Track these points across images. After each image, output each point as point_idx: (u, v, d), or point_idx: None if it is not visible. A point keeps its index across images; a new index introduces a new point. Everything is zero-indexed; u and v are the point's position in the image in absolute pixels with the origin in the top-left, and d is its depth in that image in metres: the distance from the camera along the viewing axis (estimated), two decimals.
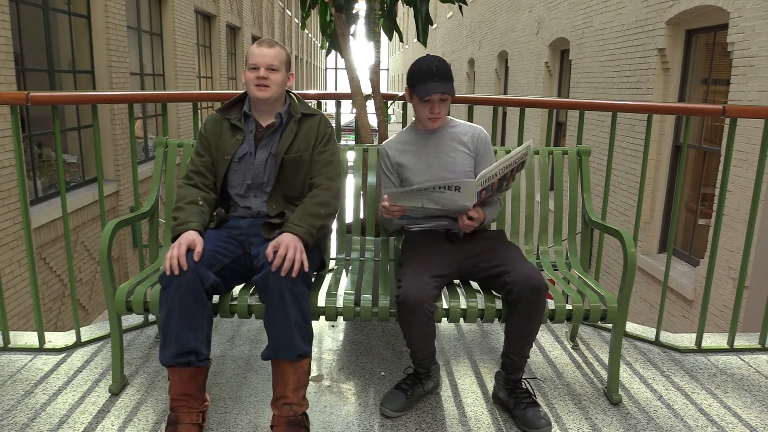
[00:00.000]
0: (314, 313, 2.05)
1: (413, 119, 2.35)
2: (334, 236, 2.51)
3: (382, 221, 2.41)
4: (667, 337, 2.82)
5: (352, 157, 2.58)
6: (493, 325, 2.91)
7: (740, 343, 2.80)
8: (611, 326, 2.50)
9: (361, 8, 2.84)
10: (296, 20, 32.78)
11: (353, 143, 2.74)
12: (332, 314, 2.07)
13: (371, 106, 2.91)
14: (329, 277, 2.43)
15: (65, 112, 7.71)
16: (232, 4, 16.15)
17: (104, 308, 8.09)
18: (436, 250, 2.19)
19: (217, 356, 2.53)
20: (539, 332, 2.79)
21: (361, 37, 2.92)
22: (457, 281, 2.28)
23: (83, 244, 7.55)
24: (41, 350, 2.57)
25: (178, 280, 1.89)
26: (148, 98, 2.94)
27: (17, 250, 6.09)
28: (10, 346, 2.57)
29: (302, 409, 1.98)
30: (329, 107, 25.52)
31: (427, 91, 2.12)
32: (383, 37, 2.98)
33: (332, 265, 2.54)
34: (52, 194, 7.07)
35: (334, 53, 4.47)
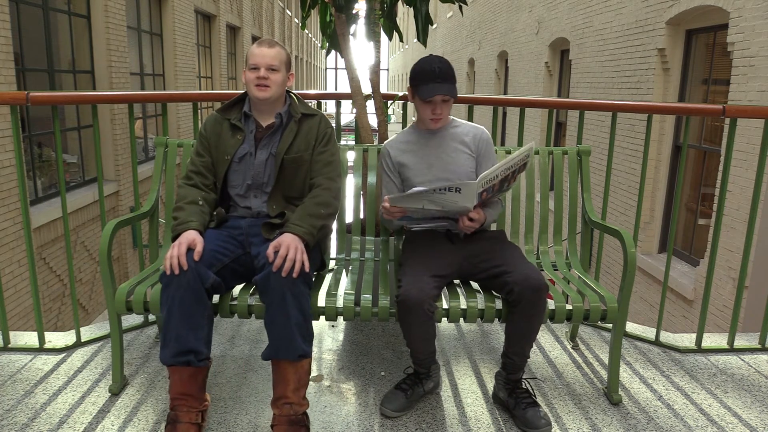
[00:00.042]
0: (314, 313, 2.05)
1: (413, 119, 2.35)
2: (334, 236, 2.51)
3: (382, 221, 2.41)
4: (667, 337, 2.82)
5: (352, 157, 2.58)
6: (493, 325, 2.91)
7: (740, 343, 2.80)
8: (611, 326, 2.50)
9: (361, 8, 2.84)
10: (296, 20, 32.78)
11: (353, 143, 2.74)
12: (332, 314, 2.07)
13: (371, 106, 2.91)
14: (329, 277, 2.43)
15: (65, 112, 7.71)
16: (232, 4, 16.15)
17: (104, 308, 8.09)
18: (436, 250, 2.19)
19: (217, 356, 2.53)
20: (539, 332, 2.80)
21: (361, 37, 2.92)
22: (457, 281, 2.28)
23: (83, 244, 7.55)
24: (41, 350, 2.57)
25: (178, 279, 1.89)
26: (148, 98, 2.95)
27: (17, 250, 6.09)
28: (10, 346, 2.57)
29: (303, 408, 1.99)
30: (329, 107, 25.53)
31: (429, 92, 2.12)
32: (383, 37, 2.98)
33: (332, 265, 2.54)
34: (52, 194, 7.08)
35: (334, 53, 4.47)
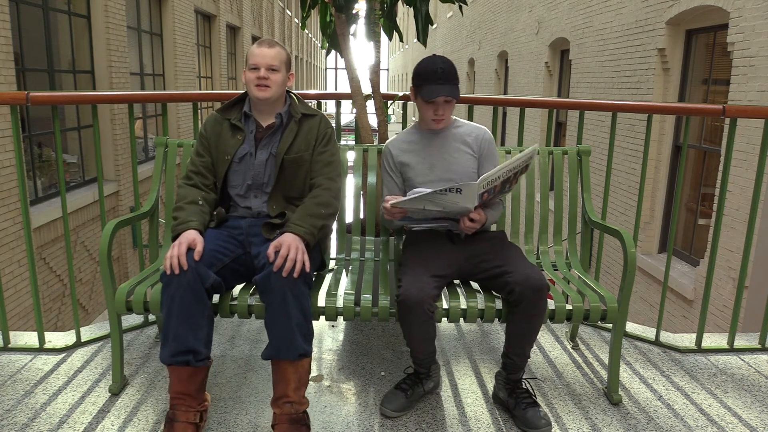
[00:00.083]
0: (314, 313, 2.05)
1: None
2: (334, 236, 2.51)
3: (382, 221, 2.41)
4: (667, 337, 2.82)
5: (352, 157, 2.58)
6: (493, 325, 2.91)
7: (740, 343, 2.80)
8: (611, 326, 2.50)
9: (361, 8, 2.84)
10: (296, 20, 32.78)
11: (353, 143, 2.74)
12: (332, 314, 2.07)
13: (371, 106, 2.91)
14: (329, 277, 2.43)
15: (65, 112, 7.71)
16: (232, 4, 16.15)
17: (104, 308, 8.09)
18: (436, 250, 2.19)
19: (217, 356, 2.53)
20: (539, 332, 2.79)
21: (361, 37, 2.92)
22: (457, 281, 2.28)
23: (83, 244, 7.55)
24: (41, 350, 2.57)
25: (178, 279, 1.89)
26: (148, 98, 2.95)
27: (17, 250, 6.09)
28: (10, 346, 2.57)
29: (303, 407, 1.99)
30: (329, 107, 25.52)
31: (431, 93, 2.11)
32: (383, 37, 2.98)
33: (332, 265, 2.54)
34: (52, 194, 7.07)
35: (334, 53, 4.47)
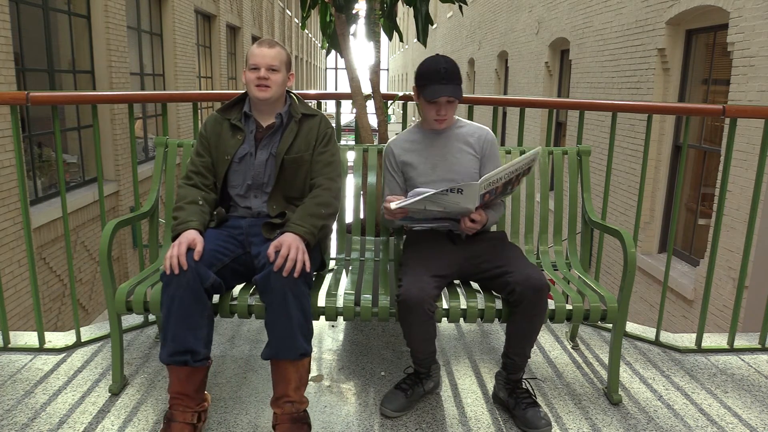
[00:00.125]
0: (314, 313, 2.05)
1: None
2: (334, 236, 2.51)
3: (382, 221, 2.41)
4: (667, 337, 2.82)
5: (352, 157, 2.58)
6: (493, 325, 2.91)
7: (740, 343, 2.80)
8: (611, 326, 2.50)
9: (361, 8, 2.84)
10: (296, 20, 32.78)
11: (353, 143, 2.74)
12: (332, 314, 2.07)
13: (371, 106, 2.91)
14: (329, 277, 2.43)
15: (65, 112, 7.71)
16: (232, 4, 16.15)
17: (104, 308, 8.09)
18: (437, 250, 2.19)
19: (217, 356, 2.53)
20: (539, 332, 2.79)
21: (361, 37, 2.92)
22: (457, 281, 2.28)
23: (83, 244, 7.55)
24: (41, 350, 2.57)
25: (177, 279, 1.90)
26: (148, 98, 2.95)
27: (17, 250, 6.09)
28: (10, 346, 2.57)
29: (303, 406, 2.00)
30: (329, 107, 25.52)
31: (434, 93, 2.11)
32: (383, 37, 2.98)
33: (332, 265, 2.54)
34: (52, 194, 7.07)
35: (334, 53, 4.47)
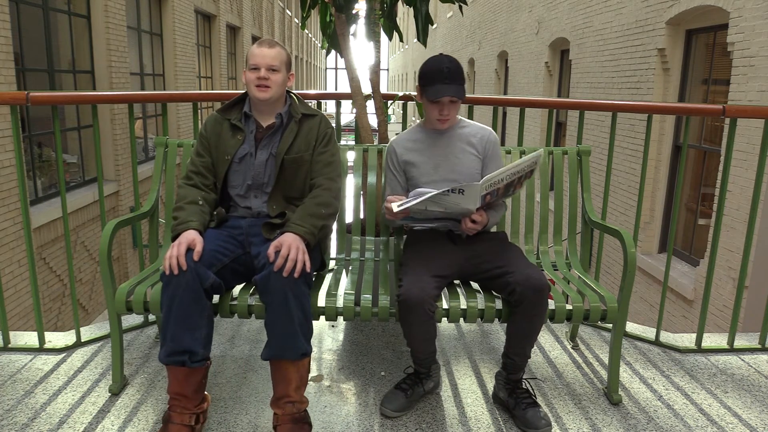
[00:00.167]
0: (314, 313, 2.05)
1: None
2: (334, 236, 2.51)
3: (382, 219, 2.41)
4: (667, 337, 2.82)
5: (352, 157, 2.58)
6: (493, 325, 2.91)
7: (740, 343, 2.80)
8: (611, 326, 2.50)
9: (361, 8, 2.84)
10: (296, 20, 32.78)
11: (353, 143, 2.74)
12: (332, 314, 2.07)
13: (371, 106, 2.91)
14: (329, 277, 2.43)
15: (65, 112, 7.71)
16: (232, 4, 16.15)
17: (104, 308, 8.09)
18: (437, 250, 2.19)
19: (217, 356, 2.53)
20: (539, 332, 2.79)
21: (361, 37, 2.92)
22: (457, 281, 2.28)
23: (83, 244, 7.55)
24: (41, 350, 2.57)
25: (177, 279, 1.89)
26: (148, 98, 2.95)
27: (17, 250, 6.09)
28: (10, 346, 2.57)
29: (304, 406, 2.00)
30: (329, 107, 25.50)
31: (436, 93, 2.11)
32: (383, 37, 2.98)
33: (332, 265, 2.54)
34: (52, 194, 7.08)
35: (334, 53, 4.47)
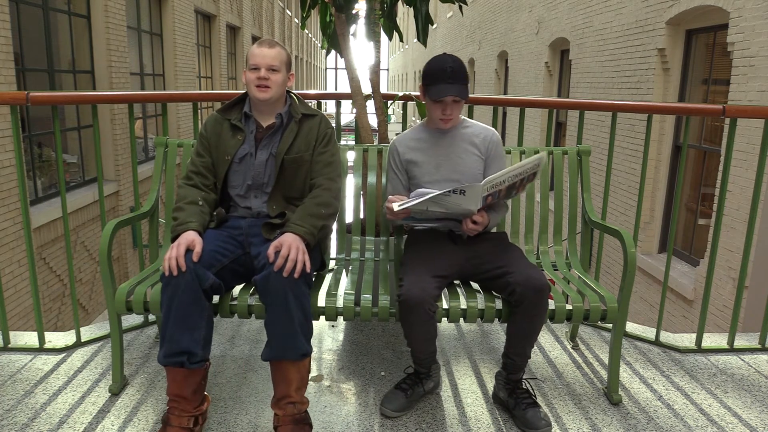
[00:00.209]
0: (314, 313, 2.05)
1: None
2: (334, 236, 2.51)
3: (383, 219, 2.41)
4: (667, 337, 2.82)
5: (352, 157, 2.58)
6: (493, 325, 2.91)
7: (740, 343, 2.80)
8: (611, 326, 2.50)
9: (361, 8, 2.84)
10: (296, 20, 32.78)
11: (353, 143, 2.74)
12: (332, 314, 2.07)
13: (371, 106, 2.91)
14: (329, 277, 2.43)
15: (65, 112, 7.71)
16: (232, 4, 16.15)
17: (104, 308, 8.09)
18: (438, 250, 2.19)
19: (217, 356, 2.53)
20: (539, 332, 2.80)
21: (361, 37, 2.92)
22: (456, 282, 2.28)
23: (83, 244, 7.55)
24: (41, 350, 2.57)
25: (176, 280, 1.90)
26: (148, 98, 2.95)
27: (17, 250, 6.09)
28: (10, 346, 2.57)
29: (305, 407, 2.00)
30: (329, 107, 25.50)
31: (439, 92, 2.10)
32: (383, 37, 2.98)
33: (332, 265, 2.54)
34: (52, 194, 7.07)
35: (334, 53, 4.47)
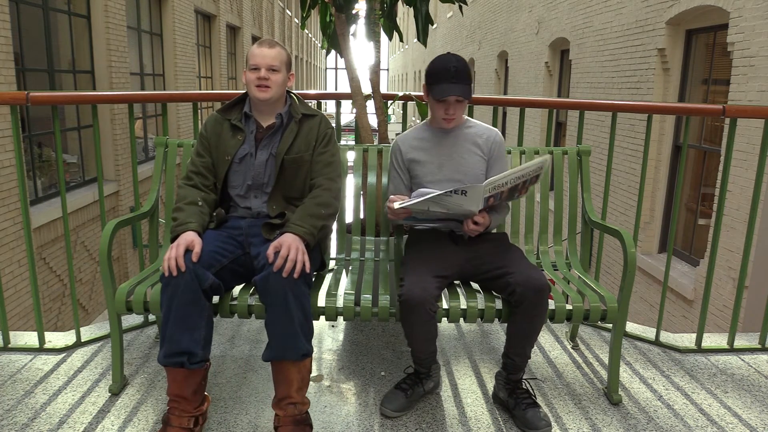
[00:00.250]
0: (314, 313, 2.05)
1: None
2: (334, 236, 2.51)
3: (383, 219, 2.41)
4: (667, 337, 2.82)
5: (352, 157, 2.58)
6: (493, 325, 2.91)
7: (740, 343, 2.80)
8: (611, 326, 2.50)
9: (361, 8, 2.84)
10: (296, 20, 32.77)
11: (353, 143, 2.74)
12: (332, 314, 2.07)
13: (371, 106, 2.91)
14: (329, 277, 2.43)
15: (65, 112, 7.71)
16: (232, 4, 16.15)
17: (104, 308, 8.09)
18: (439, 250, 2.19)
19: (217, 356, 2.53)
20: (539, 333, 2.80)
21: (361, 37, 2.92)
22: (457, 282, 2.28)
23: (83, 244, 7.55)
24: (41, 350, 2.57)
25: (175, 280, 1.90)
26: (148, 98, 2.95)
27: (17, 250, 6.09)
28: (10, 346, 2.57)
29: (305, 407, 2.00)
30: (329, 107, 25.50)
31: (442, 92, 2.10)
32: (383, 37, 2.98)
33: (332, 265, 2.54)
34: (52, 194, 7.07)
35: (334, 53, 4.47)
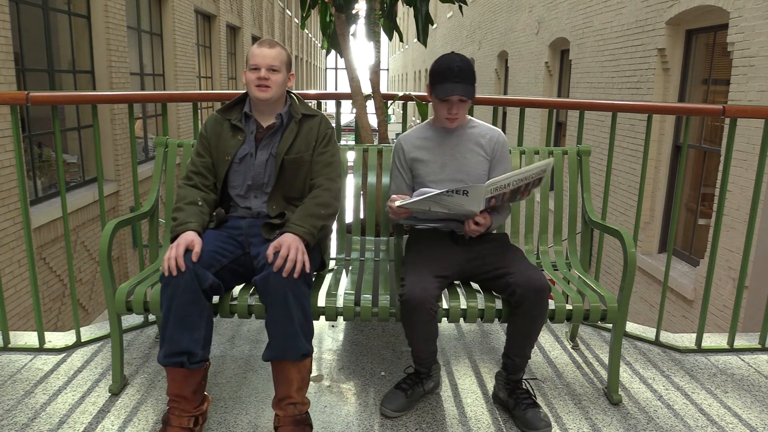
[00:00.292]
0: (314, 313, 2.05)
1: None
2: (334, 236, 2.51)
3: (384, 219, 2.41)
4: (667, 337, 2.82)
5: (352, 157, 2.58)
6: (493, 325, 2.91)
7: (740, 343, 2.80)
8: (611, 326, 2.50)
9: (361, 8, 2.84)
10: (296, 20, 32.78)
11: (353, 143, 2.74)
12: (332, 314, 2.07)
13: (371, 106, 2.91)
14: (329, 277, 2.43)
15: (65, 112, 7.71)
16: (232, 4, 16.15)
17: (104, 308, 8.09)
18: (439, 251, 2.19)
19: (217, 356, 2.53)
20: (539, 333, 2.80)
21: (361, 37, 2.92)
22: (457, 282, 2.28)
23: (83, 244, 7.55)
24: (41, 350, 2.57)
25: (175, 280, 1.90)
26: (148, 98, 2.95)
27: (17, 250, 6.09)
28: (10, 346, 2.57)
29: (306, 407, 2.00)
30: (329, 107, 25.50)
31: (445, 91, 2.09)
32: (383, 37, 2.98)
33: (332, 265, 2.54)
34: (52, 194, 7.08)
35: (334, 53, 4.47)
